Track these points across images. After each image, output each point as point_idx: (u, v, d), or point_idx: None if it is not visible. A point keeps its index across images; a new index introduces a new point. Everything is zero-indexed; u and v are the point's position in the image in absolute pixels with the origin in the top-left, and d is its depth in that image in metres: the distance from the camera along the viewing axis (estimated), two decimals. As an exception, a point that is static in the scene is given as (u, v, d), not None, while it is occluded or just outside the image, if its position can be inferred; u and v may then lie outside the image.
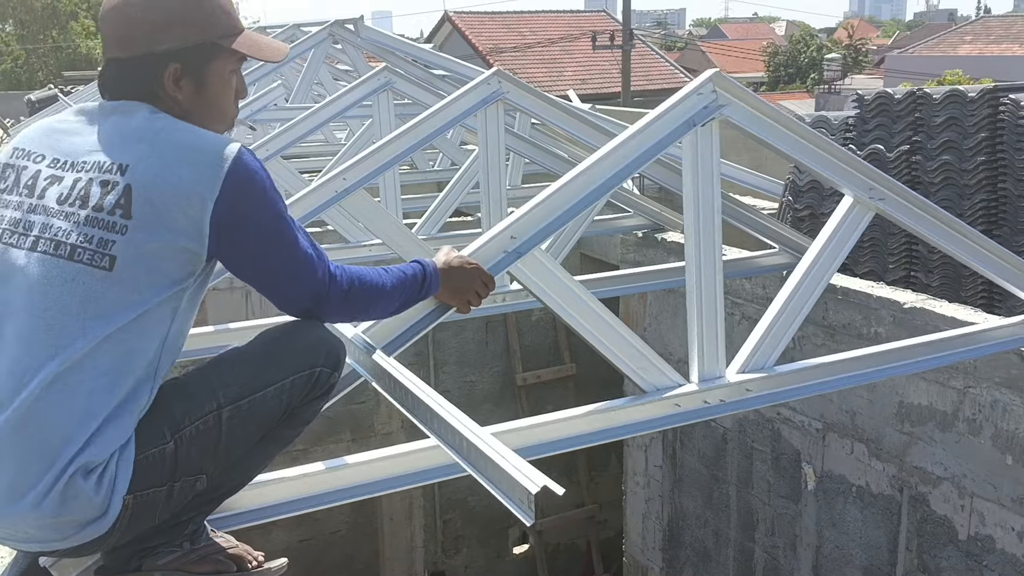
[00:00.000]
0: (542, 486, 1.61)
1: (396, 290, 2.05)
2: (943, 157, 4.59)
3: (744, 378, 2.81)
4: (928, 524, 3.95)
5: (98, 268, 1.69)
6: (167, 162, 1.72)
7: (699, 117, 2.77)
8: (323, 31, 7.47)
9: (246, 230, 1.78)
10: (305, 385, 1.92)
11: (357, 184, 3.74)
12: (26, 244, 1.73)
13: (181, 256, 1.73)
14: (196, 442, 1.78)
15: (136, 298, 1.70)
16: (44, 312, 1.68)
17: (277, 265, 1.83)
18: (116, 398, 1.69)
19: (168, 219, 1.70)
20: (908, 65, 29.63)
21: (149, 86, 1.83)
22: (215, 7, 1.88)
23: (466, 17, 28.41)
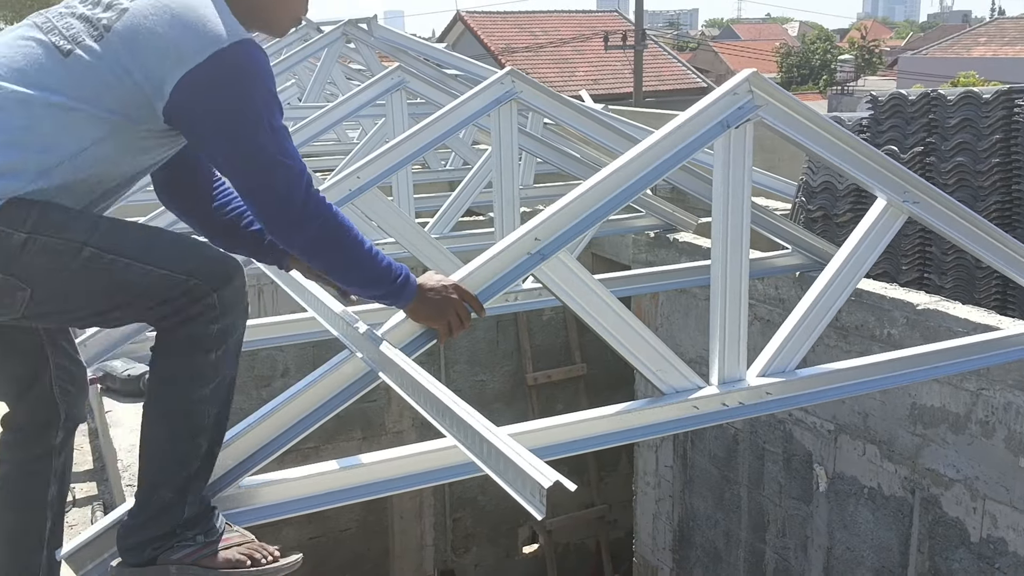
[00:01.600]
0: (554, 481, 1.61)
1: (369, 264, 1.98)
2: (957, 159, 4.58)
3: (764, 382, 2.80)
4: (940, 526, 3.94)
5: (57, 49, 1.75)
6: (170, 15, 1.76)
7: (733, 118, 2.74)
8: (336, 30, 7.49)
9: (213, 115, 1.77)
10: (177, 290, 1.85)
11: (371, 182, 3.76)
12: (34, 16, 1.85)
13: (133, 93, 1.75)
14: (45, 255, 1.73)
15: (73, 94, 1.74)
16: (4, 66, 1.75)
17: (246, 160, 1.81)
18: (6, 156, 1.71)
19: (139, 57, 1.74)
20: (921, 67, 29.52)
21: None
22: None
23: (478, 17, 28.42)
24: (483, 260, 2.46)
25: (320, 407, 2.19)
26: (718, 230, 2.76)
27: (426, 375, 2.01)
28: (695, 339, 5.24)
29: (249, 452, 2.11)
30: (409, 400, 2.04)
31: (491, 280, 2.47)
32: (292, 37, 8.33)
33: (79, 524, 2.55)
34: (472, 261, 2.48)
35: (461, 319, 2.16)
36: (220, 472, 2.08)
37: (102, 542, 1.98)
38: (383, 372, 2.15)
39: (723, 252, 2.76)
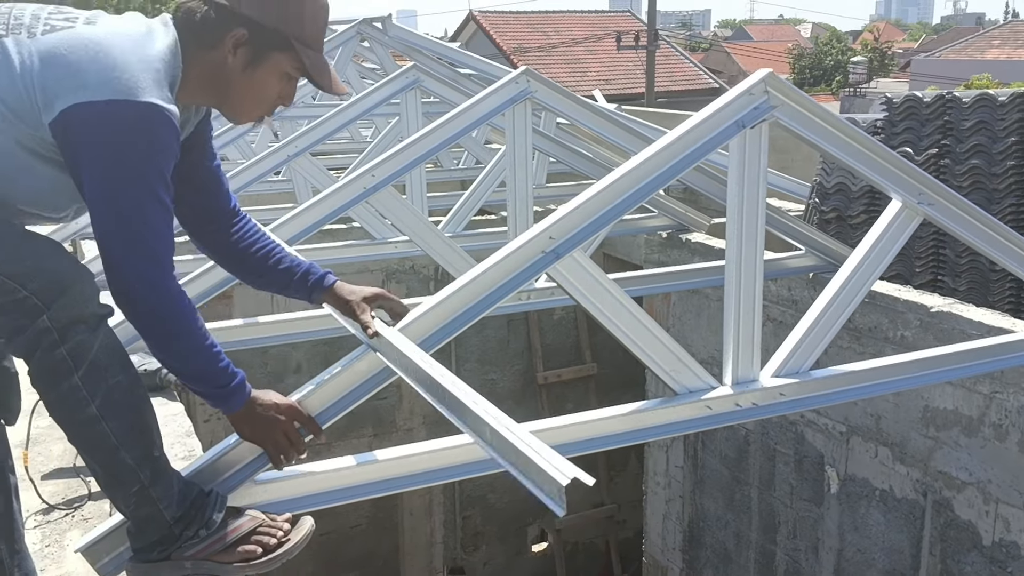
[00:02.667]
0: (572, 478, 1.62)
1: (199, 360, 1.85)
2: (972, 161, 4.57)
3: (778, 382, 2.80)
4: (952, 529, 3.94)
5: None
6: (96, 49, 1.73)
7: (749, 118, 2.73)
8: (351, 29, 7.51)
9: (89, 159, 1.71)
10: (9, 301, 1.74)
11: (386, 181, 3.77)
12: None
13: (30, 96, 1.71)
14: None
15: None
16: None
17: (107, 218, 1.73)
18: None
19: (48, 66, 1.70)
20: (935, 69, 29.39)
21: (212, 33, 1.85)
22: (310, 12, 1.90)
23: (491, 16, 28.43)
24: (498, 258, 2.46)
25: (336, 403, 2.20)
26: (733, 231, 2.76)
27: (444, 371, 2.01)
28: (707, 340, 5.24)
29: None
30: (426, 396, 2.04)
31: (506, 278, 2.48)
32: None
33: (95, 518, 2.57)
34: (487, 259, 2.49)
35: (291, 441, 2.01)
36: (236, 467, 2.09)
37: (117, 536, 1.98)
38: (399, 368, 2.16)
39: (738, 253, 2.75)
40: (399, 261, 6.51)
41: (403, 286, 6.69)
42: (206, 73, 1.87)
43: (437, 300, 2.40)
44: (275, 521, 2.05)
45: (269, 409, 1.98)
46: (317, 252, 4.41)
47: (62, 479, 2.81)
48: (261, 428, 1.98)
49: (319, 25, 1.94)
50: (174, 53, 1.82)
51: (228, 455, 2.08)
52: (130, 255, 1.75)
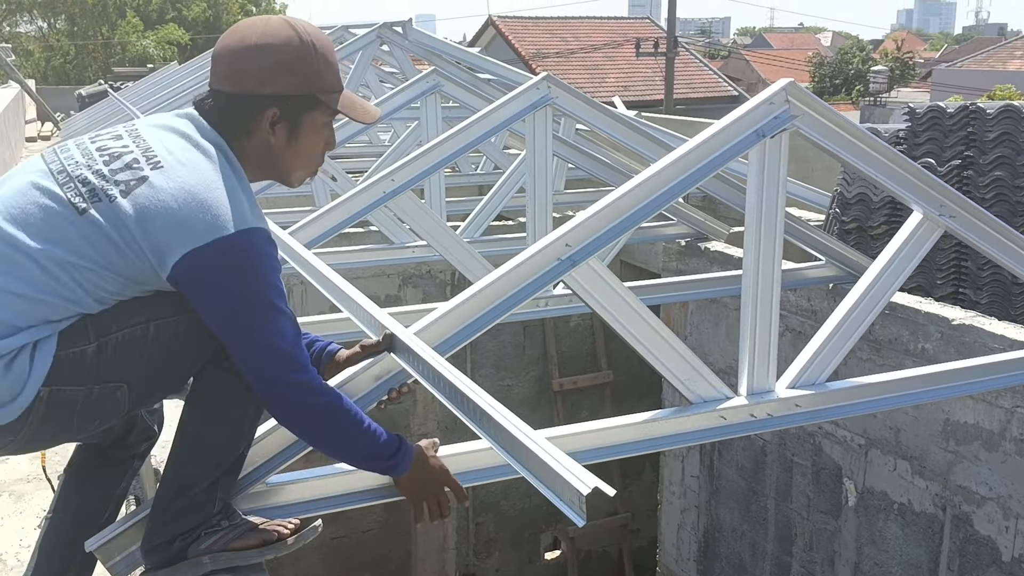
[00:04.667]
0: (593, 487, 1.60)
1: (363, 445, 1.95)
2: (995, 173, 4.53)
3: (794, 394, 2.77)
4: (971, 544, 3.89)
5: (72, 207, 1.76)
6: (186, 193, 1.77)
7: (769, 128, 2.71)
8: (371, 33, 7.53)
9: (216, 299, 1.79)
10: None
11: (405, 185, 3.77)
12: (48, 159, 1.86)
13: (142, 260, 1.77)
14: (121, 349, 1.81)
15: (88, 252, 1.75)
16: (9, 211, 1.78)
17: (247, 346, 1.82)
18: (34, 316, 1.74)
19: (148, 228, 1.75)
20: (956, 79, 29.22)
21: (246, 122, 1.91)
22: (322, 62, 1.94)
23: (510, 22, 28.47)
24: (514, 264, 2.46)
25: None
26: (751, 240, 2.74)
27: (461, 376, 2.00)
28: (725, 349, 5.21)
29: (277, 450, 2.11)
30: (444, 401, 2.03)
31: (521, 284, 2.47)
32: (326, 39, 8.38)
33: (110, 518, 2.57)
34: (503, 265, 2.48)
35: (440, 505, 2.09)
36: (247, 469, 2.09)
37: (130, 535, 1.99)
38: (417, 373, 2.15)
39: (755, 262, 2.73)
40: (416, 265, 6.51)
41: (420, 291, 6.69)
42: (255, 157, 1.94)
43: (453, 304, 2.40)
44: (282, 522, 2.06)
45: (433, 468, 2.07)
46: (335, 256, 4.41)
47: (78, 479, 2.81)
48: (425, 484, 2.07)
49: (334, 66, 1.98)
50: (232, 162, 1.88)
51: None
52: (279, 375, 1.83)
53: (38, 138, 12.77)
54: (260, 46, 1.89)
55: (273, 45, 1.89)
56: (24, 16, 30.92)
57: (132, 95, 12.08)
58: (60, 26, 31.21)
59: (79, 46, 30.08)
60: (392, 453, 1.98)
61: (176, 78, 11.66)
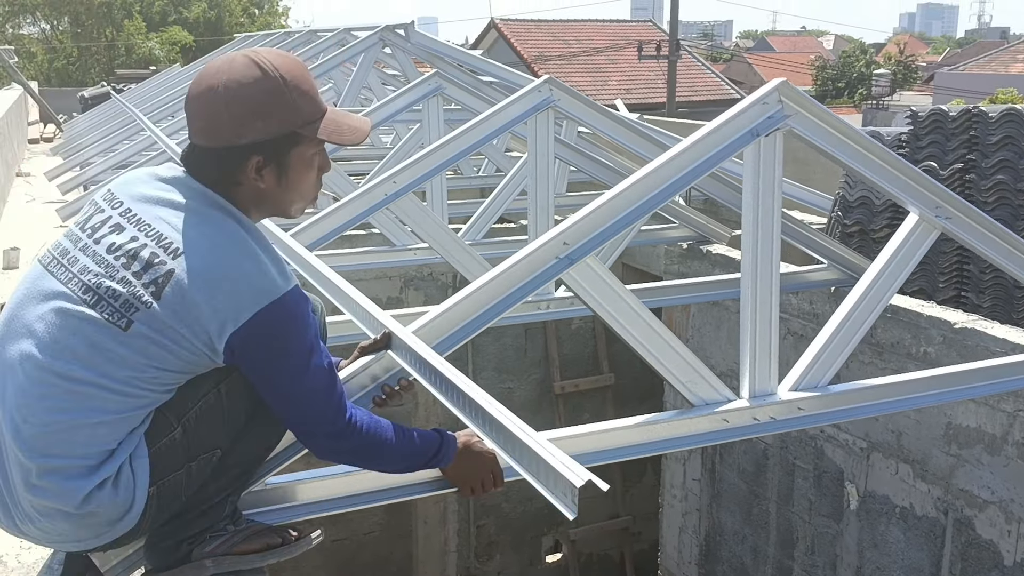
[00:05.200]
0: (586, 480, 1.60)
1: (405, 458, 2.02)
2: (998, 176, 4.52)
3: (796, 396, 2.77)
4: (973, 548, 3.88)
5: (114, 325, 1.75)
6: (214, 275, 1.75)
7: (763, 127, 2.72)
8: (374, 35, 7.53)
9: (258, 369, 1.83)
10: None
11: (407, 188, 3.77)
12: (61, 276, 1.81)
13: (196, 353, 1.79)
14: (203, 421, 1.85)
15: (144, 362, 1.76)
16: (51, 347, 1.75)
17: (287, 407, 1.88)
18: (120, 432, 1.78)
19: (190, 321, 1.75)
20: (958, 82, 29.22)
21: (231, 174, 1.86)
22: (296, 96, 1.85)
23: (512, 25, 28.50)
24: (512, 262, 2.46)
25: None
26: (748, 241, 2.74)
27: (459, 374, 2.00)
28: (727, 352, 5.21)
29: (276, 450, 2.10)
30: (442, 399, 2.03)
31: (520, 283, 2.47)
32: (329, 43, 8.39)
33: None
34: (501, 263, 2.48)
35: (484, 487, 2.14)
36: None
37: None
38: (415, 371, 2.15)
39: (753, 262, 2.73)
40: (417, 268, 6.51)
41: (421, 293, 6.68)
42: (253, 203, 1.90)
43: (451, 303, 2.40)
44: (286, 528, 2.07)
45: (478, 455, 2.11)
46: (336, 258, 4.41)
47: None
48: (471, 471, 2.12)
49: (310, 94, 1.89)
50: (242, 221, 1.85)
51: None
52: (320, 430, 1.90)
53: (40, 140, 12.78)
54: (227, 94, 1.80)
55: (240, 90, 1.80)
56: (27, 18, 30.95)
57: (134, 97, 12.09)
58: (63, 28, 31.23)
59: (82, 48, 30.11)
60: (434, 454, 2.04)
61: (177, 80, 11.67)
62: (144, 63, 26.30)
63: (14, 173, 9.19)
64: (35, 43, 31.17)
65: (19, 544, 2.67)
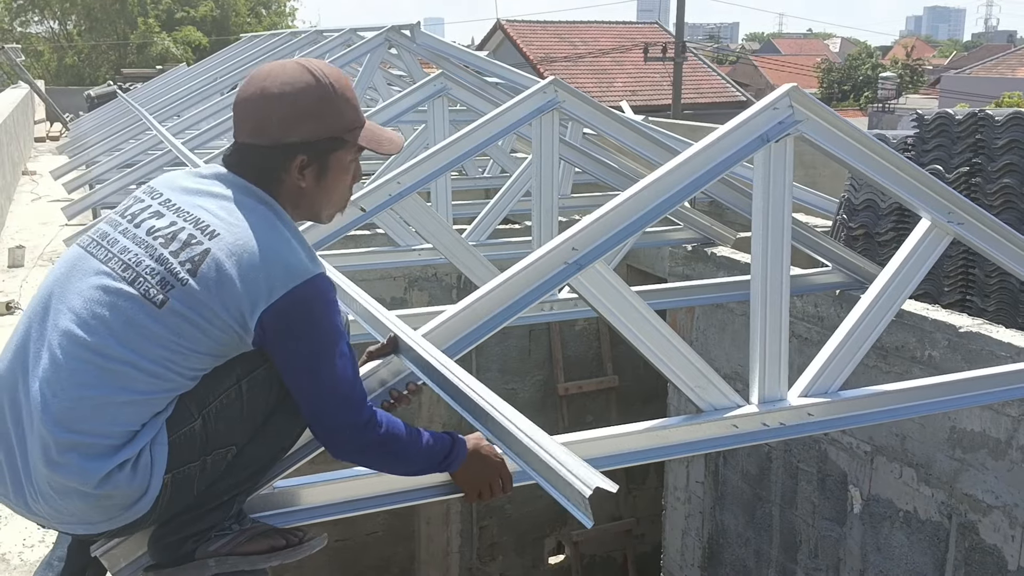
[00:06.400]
0: (595, 487, 1.60)
1: (419, 458, 2.02)
2: (1004, 180, 4.51)
3: (806, 402, 2.76)
4: (976, 553, 3.87)
5: (149, 302, 1.78)
6: (247, 255, 1.80)
7: (773, 132, 2.71)
8: (379, 36, 7.53)
9: (287, 349, 1.84)
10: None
11: (411, 188, 3.77)
12: (100, 256, 1.85)
13: (227, 331, 1.81)
14: (222, 416, 1.87)
15: (176, 341, 1.78)
16: (89, 322, 1.78)
17: (312, 392, 1.88)
18: (145, 415, 1.80)
19: (224, 297, 1.79)
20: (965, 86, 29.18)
21: (275, 171, 1.94)
22: (342, 103, 1.97)
23: (518, 26, 28.50)
24: (520, 268, 2.45)
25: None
26: (758, 246, 2.73)
27: (469, 377, 2.00)
28: (730, 355, 5.20)
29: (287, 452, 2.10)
30: (454, 405, 2.03)
31: (528, 288, 2.47)
32: (335, 43, 8.40)
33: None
34: (509, 268, 2.48)
35: (493, 491, 2.13)
36: (254, 472, 2.09)
37: (136, 540, 1.98)
38: (424, 374, 2.15)
39: (763, 268, 2.72)
40: (422, 268, 6.51)
41: (425, 293, 6.69)
42: (291, 202, 1.96)
43: (459, 308, 2.40)
44: (291, 530, 2.07)
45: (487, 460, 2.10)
46: (340, 258, 4.41)
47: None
48: (480, 476, 2.10)
49: (353, 104, 2.01)
50: (278, 211, 1.92)
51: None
52: (340, 421, 1.89)
53: (47, 138, 12.81)
54: (280, 95, 1.91)
55: (293, 92, 1.91)
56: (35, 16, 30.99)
57: (141, 96, 12.12)
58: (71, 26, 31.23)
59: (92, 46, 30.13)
60: (445, 455, 2.04)
61: (184, 79, 11.69)
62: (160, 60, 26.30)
63: (20, 171, 9.21)
64: (42, 42, 31.21)
65: (22, 542, 2.68)
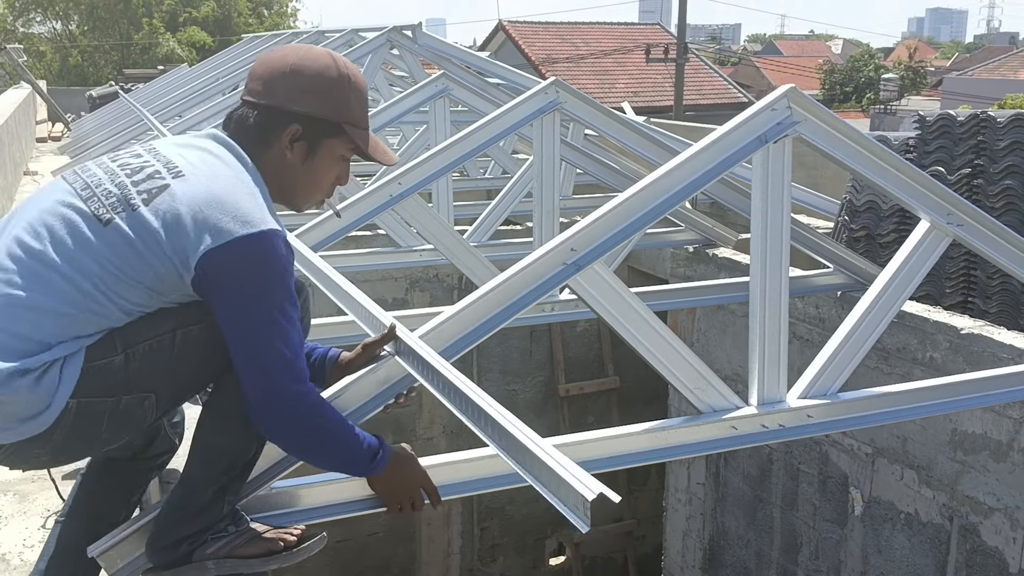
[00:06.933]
0: (598, 493, 1.59)
1: (347, 448, 1.95)
2: (1006, 182, 4.51)
3: (806, 404, 2.75)
4: (978, 555, 3.86)
5: (97, 219, 1.79)
6: (204, 197, 1.80)
7: (772, 134, 2.72)
8: (381, 36, 7.53)
9: (227, 297, 1.81)
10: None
11: (412, 189, 3.77)
12: (71, 180, 1.88)
13: (167, 266, 1.79)
14: (148, 359, 1.82)
15: (113, 261, 1.77)
16: (36, 230, 1.80)
17: (251, 348, 1.82)
18: (66, 331, 1.76)
19: (170, 232, 1.78)
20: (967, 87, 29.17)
21: (267, 134, 1.96)
22: (352, 96, 2.01)
23: (520, 27, 28.50)
24: (518, 269, 2.45)
25: (356, 409, 2.19)
26: (757, 247, 2.73)
27: (467, 381, 1.99)
28: (731, 356, 5.19)
29: (282, 454, 2.09)
30: (449, 406, 2.02)
31: (526, 290, 2.46)
32: (337, 43, 8.40)
33: (114, 519, 2.57)
34: (508, 269, 2.47)
35: (415, 506, 2.07)
36: (253, 473, 2.08)
37: (134, 541, 1.98)
38: (422, 376, 2.14)
39: (762, 269, 2.72)
40: (423, 269, 6.51)
41: (427, 294, 6.68)
42: (270, 171, 1.97)
43: (458, 309, 2.39)
44: (289, 530, 2.06)
45: (411, 470, 2.06)
46: (342, 259, 4.41)
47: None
48: (401, 485, 2.05)
49: (363, 104, 2.05)
50: (253, 171, 1.92)
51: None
52: (277, 384, 1.83)
53: (48, 139, 12.81)
54: (297, 66, 1.96)
55: (310, 67, 1.96)
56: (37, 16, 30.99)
57: (142, 96, 12.12)
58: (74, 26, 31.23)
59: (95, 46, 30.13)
60: (371, 458, 1.98)
61: (186, 80, 11.69)
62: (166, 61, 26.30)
63: (22, 172, 9.21)
64: (44, 42, 31.22)
65: (22, 542, 2.68)
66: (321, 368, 2.25)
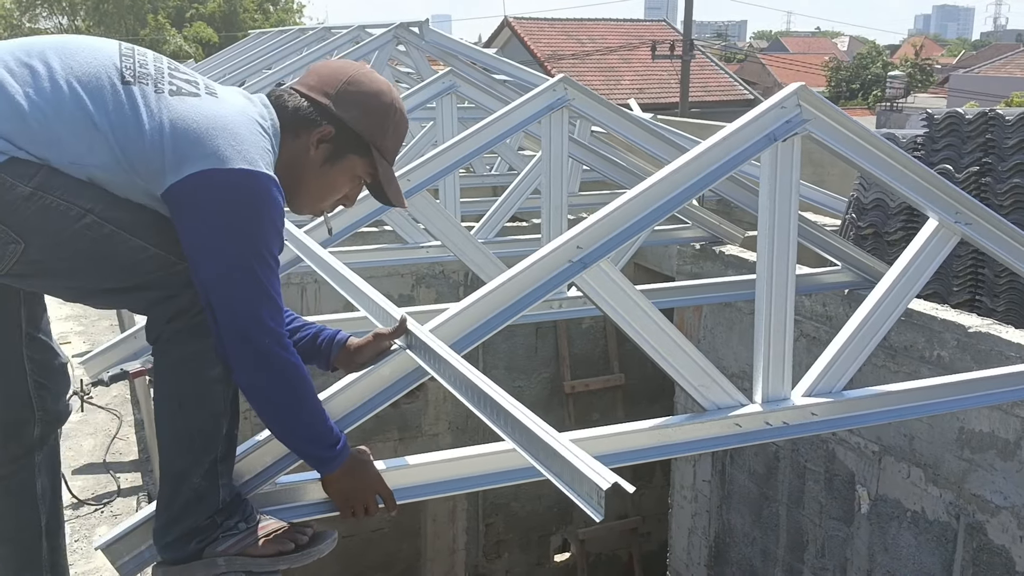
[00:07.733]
0: (613, 483, 1.60)
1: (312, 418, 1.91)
2: (1014, 180, 4.50)
3: (810, 402, 2.75)
4: (984, 554, 3.86)
5: (120, 74, 1.81)
6: (224, 123, 1.83)
7: (781, 131, 2.71)
8: (388, 33, 7.53)
9: (210, 224, 1.78)
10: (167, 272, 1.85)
11: (420, 185, 3.77)
12: (124, 48, 1.90)
13: (154, 154, 1.77)
14: (46, 214, 1.72)
15: (110, 115, 1.76)
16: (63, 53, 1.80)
17: (226, 282, 1.79)
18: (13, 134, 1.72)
19: (179, 131, 1.78)
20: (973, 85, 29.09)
21: (301, 124, 1.99)
22: (393, 127, 2.05)
23: (526, 23, 28.46)
24: (524, 266, 2.45)
25: (366, 403, 2.19)
26: (764, 245, 2.73)
27: (479, 375, 1.99)
28: (739, 354, 5.19)
29: (286, 450, 2.08)
30: (462, 399, 2.02)
31: (532, 287, 2.46)
32: (344, 40, 8.40)
33: (124, 514, 2.58)
34: (513, 267, 2.48)
35: (368, 510, 2.04)
36: (258, 468, 2.09)
37: (139, 534, 1.98)
38: (434, 370, 2.14)
39: (769, 267, 2.72)
40: (429, 266, 6.51)
41: (433, 291, 6.69)
42: (286, 159, 1.98)
43: (465, 305, 2.39)
44: (301, 529, 2.05)
45: (365, 474, 2.03)
46: (349, 255, 4.42)
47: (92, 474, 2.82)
48: (354, 488, 2.02)
49: (398, 139, 2.08)
50: (276, 138, 1.95)
51: (249, 457, 2.08)
52: (260, 320, 1.81)
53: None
54: (356, 78, 2.02)
55: (367, 85, 2.02)
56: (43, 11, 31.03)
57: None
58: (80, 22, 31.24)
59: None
60: (333, 444, 1.95)
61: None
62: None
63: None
64: (51, 38, 31.20)
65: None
66: (328, 349, 2.22)
